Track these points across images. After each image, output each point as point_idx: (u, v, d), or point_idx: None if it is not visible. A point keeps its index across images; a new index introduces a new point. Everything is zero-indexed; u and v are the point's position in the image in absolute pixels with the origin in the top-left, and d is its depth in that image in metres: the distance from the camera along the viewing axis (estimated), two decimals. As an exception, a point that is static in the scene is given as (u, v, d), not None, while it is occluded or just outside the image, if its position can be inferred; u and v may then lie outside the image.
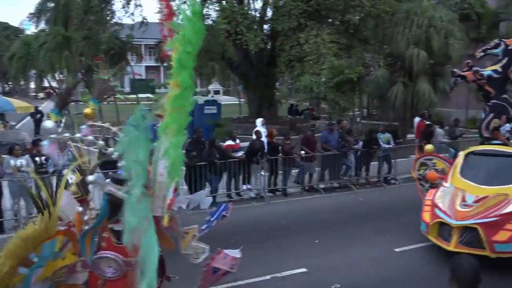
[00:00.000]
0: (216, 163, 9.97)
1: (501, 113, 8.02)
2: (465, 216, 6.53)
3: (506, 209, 6.49)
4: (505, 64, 8.03)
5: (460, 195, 6.93)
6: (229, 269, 4.87)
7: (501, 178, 7.04)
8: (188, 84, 3.22)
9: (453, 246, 6.52)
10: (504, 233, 6.30)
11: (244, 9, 19.03)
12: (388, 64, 17.80)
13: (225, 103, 28.37)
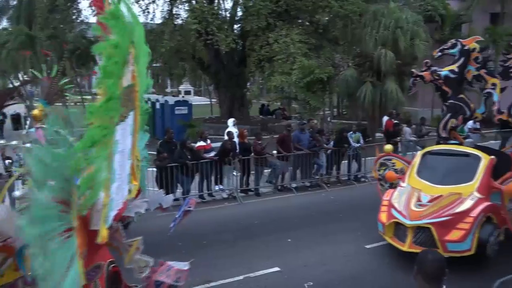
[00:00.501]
0: (188, 164, 9.89)
1: (457, 113, 8.03)
2: (419, 216, 6.55)
3: (458, 208, 6.53)
4: (461, 64, 8.03)
5: (416, 195, 6.94)
6: (173, 282, 4.54)
7: (455, 177, 7.08)
8: (113, 94, 3.04)
9: (407, 246, 6.55)
10: (456, 232, 6.35)
11: (214, 9, 18.95)
12: (357, 64, 18.14)
13: (196, 104, 28.14)
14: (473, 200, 6.60)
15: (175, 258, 7.16)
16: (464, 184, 6.85)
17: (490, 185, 6.91)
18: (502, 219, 6.77)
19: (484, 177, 6.94)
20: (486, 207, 6.55)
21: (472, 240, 6.28)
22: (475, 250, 6.29)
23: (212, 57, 21.67)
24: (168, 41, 18.55)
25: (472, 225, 6.32)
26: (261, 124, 21.50)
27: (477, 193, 6.72)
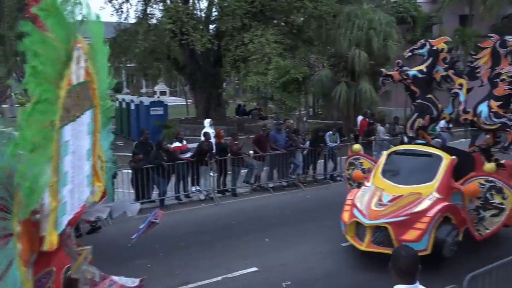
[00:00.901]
0: (164, 165, 9.79)
1: (424, 113, 8.03)
2: (377, 216, 6.58)
3: (416, 208, 6.57)
4: (429, 64, 8.06)
5: (378, 194, 6.97)
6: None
7: (417, 177, 7.13)
8: (43, 96, 2.86)
9: (365, 245, 6.61)
10: (413, 232, 6.38)
11: (189, 9, 18.84)
12: (332, 64, 18.34)
13: (172, 104, 27.88)
14: (431, 200, 6.65)
15: (152, 260, 7.13)
16: (424, 184, 6.90)
17: (450, 185, 6.95)
18: (462, 220, 6.82)
19: (444, 177, 6.98)
20: (443, 207, 6.57)
21: (428, 240, 6.31)
22: (431, 250, 6.33)
23: (187, 57, 21.51)
24: (142, 41, 18.31)
25: (428, 225, 6.35)
26: (237, 124, 21.50)
27: (436, 193, 6.76)
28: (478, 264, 4.66)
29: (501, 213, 6.69)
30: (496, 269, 4.60)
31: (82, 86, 3.67)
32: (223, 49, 19.00)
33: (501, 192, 6.66)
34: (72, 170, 3.61)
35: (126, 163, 10.43)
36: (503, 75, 7.45)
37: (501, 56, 7.52)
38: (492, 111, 7.50)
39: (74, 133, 3.63)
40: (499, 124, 7.49)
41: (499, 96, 7.49)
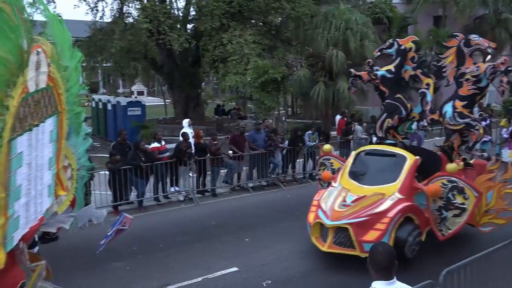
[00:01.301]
0: (142, 166, 9.67)
1: (393, 113, 7.94)
2: (339, 217, 6.57)
3: (378, 208, 6.54)
4: (397, 64, 7.96)
5: (343, 195, 6.94)
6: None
7: (381, 177, 7.10)
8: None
9: (327, 246, 6.62)
10: (373, 233, 6.37)
11: (166, 8, 18.62)
12: (310, 64, 18.46)
13: (149, 104, 27.55)
14: (393, 200, 6.63)
15: (130, 263, 7.05)
16: (388, 185, 6.88)
17: (412, 185, 6.93)
18: (425, 220, 6.82)
19: (406, 177, 6.94)
20: (404, 208, 6.56)
21: (388, 240, 6.30)
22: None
23: (165, 57, 21.29)
24: (118, 41, 18.03)
25: (388, 225, 6.36)
26: (216, 124, 21.41)
27: (398, 193, 6.74)
28: (453, 260, 4.78)
29: (462, 213, 6.66)
30: (470, 264, 4.72)
31: (43, 92, 3.50)
32: (202, 49, 18.87)
33: (463, 192, 6.61)
34: (28, 183, 3.42)
35: (103, 165, 10.26)
36: (467, 74, 7.41)
37: (465, 55, 7.50)
38: (457, 111, 7.45)
39: (31, 143, 3.44)
40: (463, 125, 7.46)
41: (464, 96, 7.45)
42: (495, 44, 7.54)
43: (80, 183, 5.38)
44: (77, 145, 5.04)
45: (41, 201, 3.72)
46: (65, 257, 6.94)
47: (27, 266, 3.78)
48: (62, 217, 4.21)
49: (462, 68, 7.48)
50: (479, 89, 7.41)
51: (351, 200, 6.80)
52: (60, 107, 3.93)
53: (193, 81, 21.44)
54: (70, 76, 4.25)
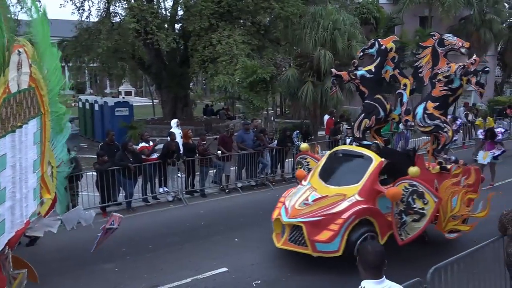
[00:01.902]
0: (130, 166, 9.60)
1: (371, 114, 7.77)
2: (297, 214, 6.61)
3: (334, 209, 6.51)
4: (378, 64, 7.82)
5: (308, 194, 6.93)
6: None
7: (347, 178, 7.07)
8: None
9: (282, 243, 6.72)
10: (326, 233, 6.36)
11: (154, 8, 18.52)
12: (298, 64, 18.53)
13: (137, 105, 27.35)
14: (350, 202, 6.57)
15: (119, 264, 7.01)
16: (350, 186, 6.83)
17: (373, 188, 6.79)
18: (387, 224, 6.67)
19: (368, 179, 6.83)
20: (359, 210, 6.48)
21: (340, 241, 6.31)
22: (344, 252, 6.31)
23: (153, 57, 21.18)
24: (105, 40, 17.87)
25: (341, 226, 6.33)
26: (205, 124, 21.36)
27: (358, 195, 6.66)
28: (440, 258, 4.85)
29: (421, 218, 6.45)
30: (457, 262, 4.80)
31: (25, 93, 3.42)
32: (191, 49, 18.80)
33: (422, 197, 6.42)
34: (12, 185, 3.35)
35: (90, 166, 10.17)
36: (439, 75, 7.20)
37: (439, 55, 7.29)
38: (427, 113, 7.26)
39: (15, 145, 3.36)
40: (432, 126, 7.26)
41: (436, 97, 7.24)
42: (469, 44, 7.23)
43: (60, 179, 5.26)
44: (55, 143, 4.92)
45: (27, 204, 3.65)
46: (53, 260, 6.87)
47: (9, 272, 3.72)
48: (48, 220, 4.14)
49: (436, 68, 7.30)
50: (451, 90, 7.16)
51: (313, 199, 6.82)
52: (43, 109, 3.85)
53: (181, 81, 21.37)
54: (51, 77, 4.16)
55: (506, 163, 13.37)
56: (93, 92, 39.23)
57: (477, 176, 7.43)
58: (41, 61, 3.83)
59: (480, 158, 11.26)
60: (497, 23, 25.67)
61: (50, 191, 4.23)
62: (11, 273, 3.81)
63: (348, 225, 6.36)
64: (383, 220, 6.65)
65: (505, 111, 20.39)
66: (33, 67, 3.55)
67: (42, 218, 4.00)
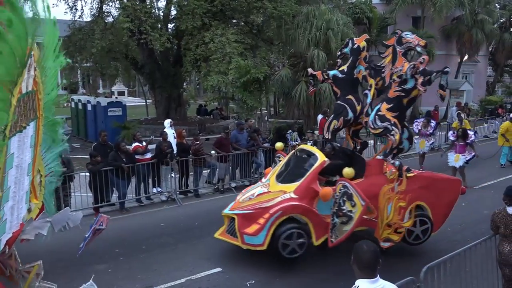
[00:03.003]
0: (124, 167, 9.56)
1: (339, 115, 7.47)
2: (236, 207, 6.89)
3: (266, 204, 6.65)
4: (350, 64, 7.55)
5: (258, 189, 7.13)
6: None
7: (294, 176, 7.10)
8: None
9: (218, 234, 7.04)
10: (254, 226, 6.52)
11: (147, 7, 18.46)
12: (292, 64, 18.56)
13: (130, 105, 27.25)
14: (282, 198, 6.66)
15: (112, 265, 6.97)
16: (292, 184, 6.90)
17: (310, 187, 6.75)
18: (324, 224, 6.60)
19: (306, 178, 6.83)
20: (287, 206, 6.52)
21: (266, 236, 6.40)
22: (269, 246, 6.43)
23: (146, 56, 21.12)
24: (99, 40, 17.79)
25: (267, 221, 6.42)
26: (198, 124, 21.32)
27: (293, 193, 6.71)
28: (433, 257, 4.88)
29: (349, 221, 6.27)
30: (450, 260, 4.83)
31: (29, 95, 3.46)
32: (184, 48, 18.76)
33: (351, 200, 6.24)
34: (14, 185, 3.37)
35: (83, 166, 10.11)
36: (394, 75, 6.83)
37: (397, 54, 6.89)
38: (379, 114, 6.90)
39: (20, 145, 3.40)
40: (381, 129, 6.90)
41: (391, 99, 6.84)
42: (424, 42, 6.81)
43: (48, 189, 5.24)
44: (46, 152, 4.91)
45: (22, 206, 3.64)
46: (45, 261, 6.79)
47: (19, 269, 3.71)
48: (38, 223, 4.12)
49: (393, 67, 6.93)
50: (405, 91, 6.71)
51: (257, 194, 6.99)
52: (39, 113, 3.85)
53: (175, 81, 21.33)
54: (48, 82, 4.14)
55: (497, 163, 13.55)
56: (86, 92, 39.03)
57: (428, 182, 7.03)
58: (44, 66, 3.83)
59: (452, 161, 10.98)
60: (488, 23, 25.89)
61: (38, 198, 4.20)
62: (22, 268, 3.80)
63: (274, 220, 6.44)
64: (318, 220, 6.62)
65: (497, 111, 20.59)
66: (37, 71, 3.56)
67: (33, 221, 3.97)
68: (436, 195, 6.98)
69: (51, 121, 4.57)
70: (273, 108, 29.11)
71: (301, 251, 6.53)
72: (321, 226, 6.61)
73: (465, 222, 8.51)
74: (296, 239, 6.50)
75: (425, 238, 7.03)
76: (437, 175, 7.57)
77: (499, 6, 30.42)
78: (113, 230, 8.32)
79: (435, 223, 7.05)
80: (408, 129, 7.10)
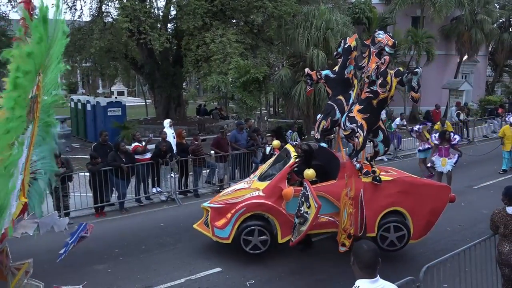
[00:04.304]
0: (123, 167, 9.55)
1: (328, 115, 7.35)
2: (213, 201, 7.42)
3: (236, 200, 7.00)
4: (341, 64, 7.44)
5: (240, 185, 7.54)
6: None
7: (270, 175, 7.31)
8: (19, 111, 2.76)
9: (196, 225, 7.48)
10: (222, 220, 6.92)
11: (146, 7, 18.45)
12: (291, 64, 18.55)
13: (130, 105, 27.25)
14: (250, 195, 6.97)
15: (112, 265, 6.97)
16: (265, 182, 7.15)
17: (278, 186, 6.81)
18: (290, 223, 6.62)
19: (276, 177, 6.97)
20: (252, 204, 6.80)
21: (231, 230, 6.78)
22: (233, 241, 6.81)
23: (145, 56, 21.10)
24: (98, 40, 17.78)
25: (232, 216, 6.78)
26: (198, 124, 21.33)
27: (261, 191, 6.95)
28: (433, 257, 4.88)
29: (305, 222, 6.22)
30: (449, 260, 4.84)
31: (32, 100, 3.55)
32: (184, 48, 18.75)
33: (307, 201, 6.23)
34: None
35: (82, 166, 10.10)
36: (364, 75, 6.79)
37: (371, 54, 6.79)
38: (349, 116, 6.82)
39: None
40: (350, 130, 6.80)
41: (362, 100, 6.76)
42: (392, 41, 6.57)
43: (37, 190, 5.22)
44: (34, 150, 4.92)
45: (13, 204, 3.70)
46: (43, 261, 6.80)
47: (9, 265, 3.73)
48: (26, 222, 4.15)
49: (365, 68, 6.83)
50: (373, 93, 6.59)
51: (236, 189, 7.43)
52: (36, 115, 3.91)
53: (174, 81, 21.31)
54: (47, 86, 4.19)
55: (496, 163, 13.54)
56: (86, 92, 39.05)
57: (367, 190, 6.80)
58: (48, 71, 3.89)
59: (439, 166, 10.44)
60: (488, 23, 25.88)
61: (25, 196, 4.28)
62: (12, 265, 3.84)
63: (238, 216, 6.76)
64: (284, 219, 6.75)
65: (497, 111, 20.58)
66: (40, 76, 3.63)
67: (22, 219, 4.02)
68: (417, 201, 6.73)
69: (45, 122, 4.61)
70: (272, 108, 29.11)
71: (264, 248, 6.84)
72: (288, 225, 6.72)
73: (465, 222, 8.52)
74: (258, 236, 6.80)
75: (401, 245, 6.79)
76: (421, 180, 7.46)
77: (498, 6, 30.41)
78: (113, 230, 8.33)
79: (416, 231, 6.79)
80: (384, 131, 6.98)
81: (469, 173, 11.46)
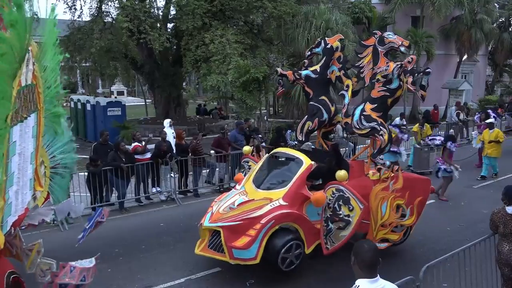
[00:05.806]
0: (123, 167, 9.55)
1: (314, 116, 7.31)
2: (217, 219, 6.19)
3: (255, 213, 6.07)
4: (323, 64, 7.41)
5: (237, 198, 6.49)
6: (79, 282, 4.25)
7: (277, 182, 6.66)
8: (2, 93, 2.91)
9: (200, 249, 6.37)
10: (243, 239, 5.91)
11: (146, 7, 18.45)
12: (291, 63, 18.57)
13: (130, 104, 27.25)
14: (272, 206, 6.13)
15: (112, 265, 6.97)
16: (278, 190, 6.43)
17: (299, 192, 6.32)
18: (315, 232, 6.28)
19: (294, 183, 6.38)
20: (279, 215, 6.01)
21: (258, 248, 5.87)
22: (262, 260, 5.94)
23: (145, 56, 21.11)
24: (98, 40, 17.78)
25: (259, 232, 5.88)
26: (198, 124, 21.33)
27: (282, 199, 6.21)
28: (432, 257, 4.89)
29: (347, 226, 6.02)
30: (449, 260, 4.84)
31: (28, 88, 3.67)
32: (183, 48, 18.76)
33: (348, 203, 5.99)
34: (18, 172, 3.59)
35: (82, 166, 10.08)
36: (378, 75, 6.77)
37: (379, 54, 6.84)
38: (364, 114, 6.83)
39: (22, 134, 3.62)
40: (368, 129, 6.80)
41: (375, 98, 6.80)
42: (408, 42, 6.72)
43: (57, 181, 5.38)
44: (51, 144, 5.08)
45: (26, 192, 3.91)
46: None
47: (23, 248, 4.00)
48: (43, 209, 4.34)
49: (375, 68, 6.86)
50: (389, 91, 6.70)
51: (239, 203, 6.34)
52: (39, 105, 4.05)
53: (174, 81, 21.32)
54: (48, 76, 4.32)
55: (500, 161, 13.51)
56: (85, 92, 39.01)
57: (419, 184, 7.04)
58: (42, 60, 4.02)
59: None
60: (487, 23, 25.89)
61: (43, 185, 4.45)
62: (26, 247, 4.05)
63: (266, 231, 5.90)
64: (309, 227, 6.24)
65: (497, 111, 20.56)
66: (35, 65, 3.77)
67: (38, 207, 4.19)
68: (411, 195, 6.77)
69: (53, 113, 4.73)
70: (272, 107, 29.11)
71: (297, 262, 6.14)
72: (312, 233, 6.27)
73: (465, 221, 8.52)
74: (295, 251, 6.09)
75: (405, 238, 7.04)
76: (411, 175, 7.60)
77: (498, 6, 30.44)
78: (113, 230, 8.32)
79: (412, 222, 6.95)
80: (387, 129, 7.01)
81: (469, 172, 11.46)
